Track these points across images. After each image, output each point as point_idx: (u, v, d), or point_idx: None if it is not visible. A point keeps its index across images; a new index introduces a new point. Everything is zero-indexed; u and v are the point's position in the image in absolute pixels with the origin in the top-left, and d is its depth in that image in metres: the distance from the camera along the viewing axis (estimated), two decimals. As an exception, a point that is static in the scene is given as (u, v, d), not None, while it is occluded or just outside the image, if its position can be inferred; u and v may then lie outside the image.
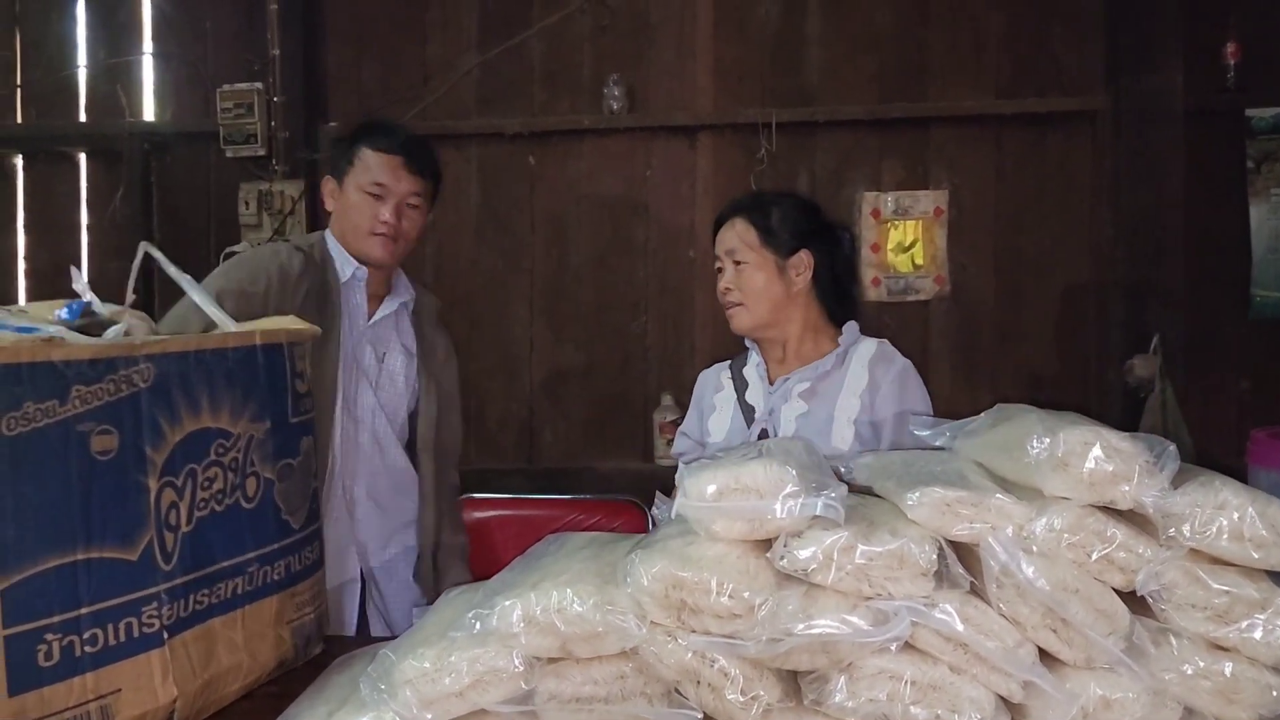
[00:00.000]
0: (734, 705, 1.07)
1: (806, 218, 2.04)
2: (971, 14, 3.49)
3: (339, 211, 2.11)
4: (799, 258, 1.99)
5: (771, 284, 1.98)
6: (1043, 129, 3.47)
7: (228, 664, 1.36)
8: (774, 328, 2.01)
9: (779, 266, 1.98)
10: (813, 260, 2.00)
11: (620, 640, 1.07)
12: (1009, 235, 3.50)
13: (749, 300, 1.98)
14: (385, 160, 2.06)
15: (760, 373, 2.04)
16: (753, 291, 1.98)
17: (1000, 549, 1.07)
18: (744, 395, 2.04)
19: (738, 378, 2.08)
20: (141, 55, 3.78)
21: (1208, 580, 1.06)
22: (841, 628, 1.05)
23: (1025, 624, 1.07)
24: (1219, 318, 3.41)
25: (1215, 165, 3.38)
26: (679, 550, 1.09)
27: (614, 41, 3.61)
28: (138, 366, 1.22)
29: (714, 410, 2.08)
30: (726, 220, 2.03)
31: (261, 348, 1.47)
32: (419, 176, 2.09)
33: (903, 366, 1.99)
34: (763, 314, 1.99)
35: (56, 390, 1.12)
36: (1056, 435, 1.10)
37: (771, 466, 1.09)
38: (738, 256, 1.98)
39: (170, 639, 1.24)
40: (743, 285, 1.98)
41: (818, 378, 1.97)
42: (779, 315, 2.00)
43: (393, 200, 2.07)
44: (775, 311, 1.99)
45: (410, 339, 2.24)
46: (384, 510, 2.15)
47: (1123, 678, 1.06)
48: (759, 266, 1.98)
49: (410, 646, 1.12)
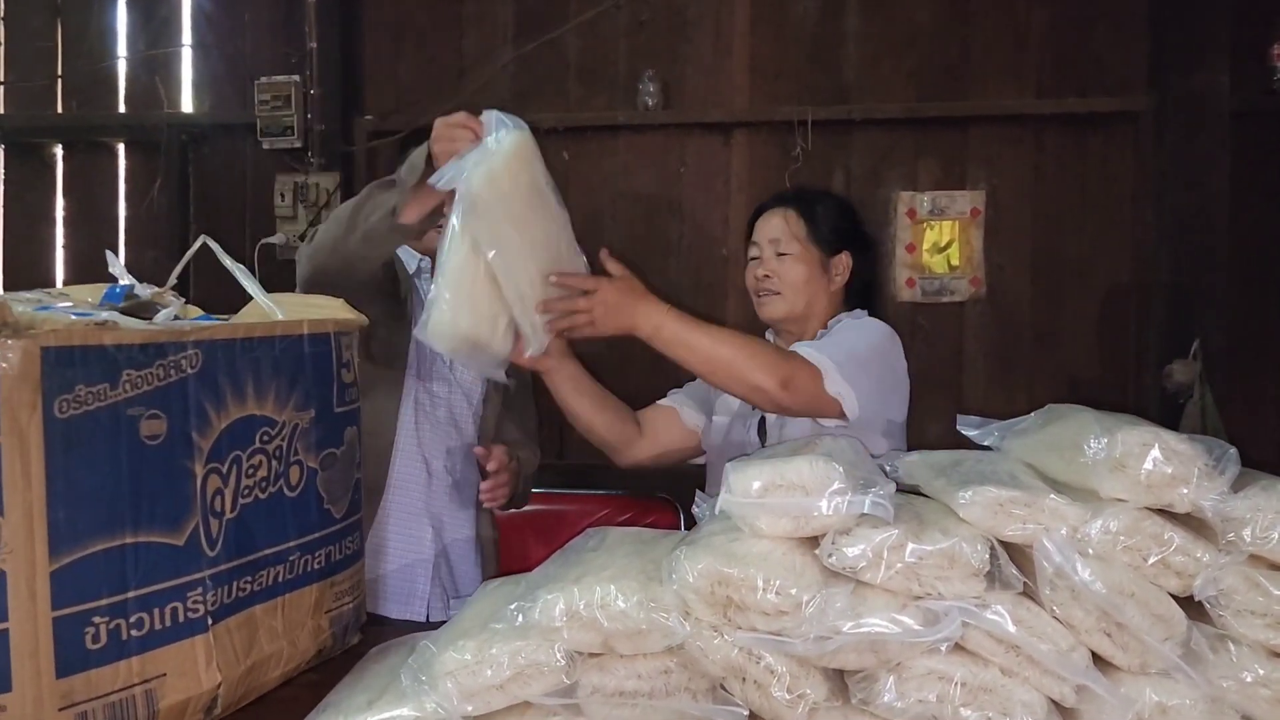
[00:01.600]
0: (780, 703, 1.05)
1: (851, 220, 2.07)
2: (1012, 12, 3.45)
3: None
4: (841, 258, 2.02)
5: (813, 278, 2.00)
6: (1084, 129, 3.43)
7: (269, 651, 1.36)
8: (802, 321, 2.03)
9: (822, 263, 2.00)
10: (852, 263, 2.02)
11: (663, 638, 1.06)
12: (1047, 237, 3.46)
13: (787, 290, 2.00)
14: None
15: None
16: (793, 283, 1.99)
17: (1055, 550, 1.05)
18: None
19: None
20: (180, 47, 3.80)
21: (1268, 586, 1.04)
22: (891, 627, 1.03)
23: (1079, 627, 1.05)
24: (1262, 323, 3.35)
25: (1261, 167, 3.32)
26: (724, 547, 1.07)
27: (650, 37, 3.59)
28: (186, 352, 1.22)
29: (720, 393, 2.08)
30: (771, 209, 2.05)
31: (308, 337, 1.47)
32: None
33: (860, 316, 2.01)
34: (799, 306, 2.00)
35: (108, 374, 1.12)
36: (1114, 435, 1.08)
37: (817, 463, 1.07)
38: (782, 247, 1.99)
39: (214, 625, 1.24)
40: (784, 275, 1.99)
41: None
42: (811, 310, 2.01)
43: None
44: (809, 305, 2.01)
45: None
46: (460, 488, 2.15)
47: (1179, 684, 1.04)
48: (803, 259, 1.99)
49: (451, 638, 1.11)
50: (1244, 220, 3.27)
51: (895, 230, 3.51)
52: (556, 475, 3.42)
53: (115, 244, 3.78)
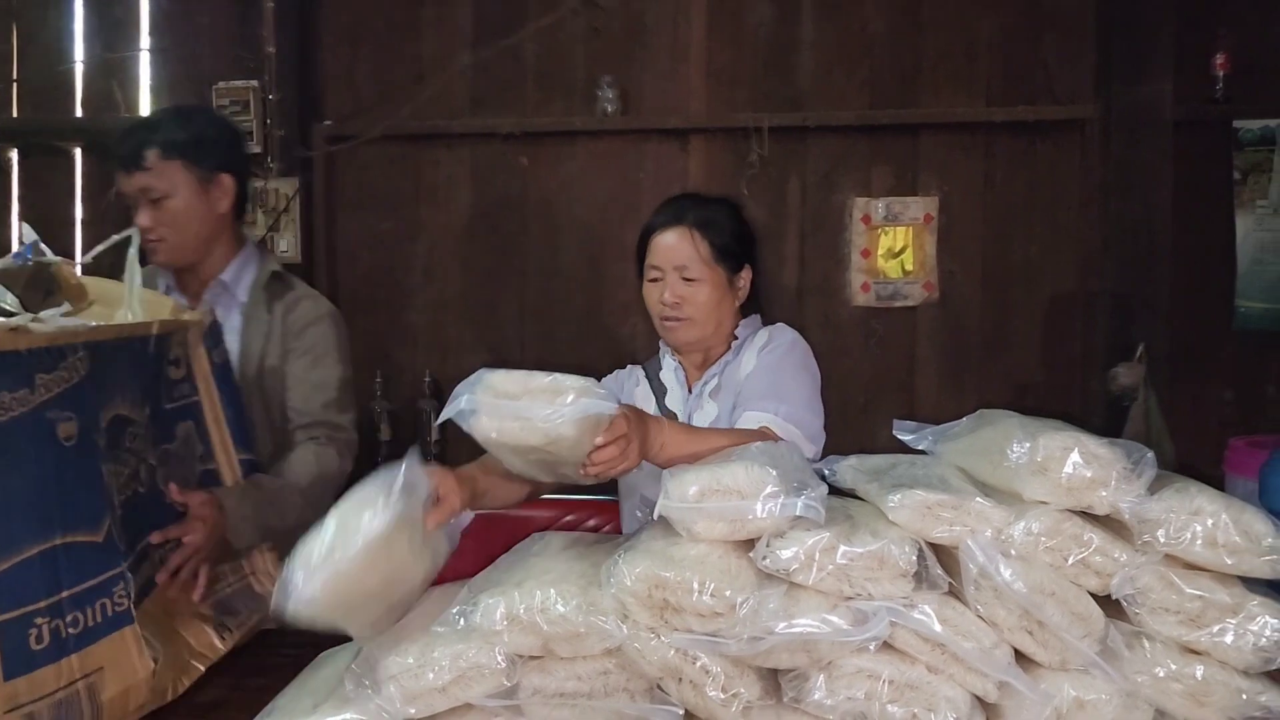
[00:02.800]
0: (715, 702, 1.09)
1: (747, 230, 1.96)
2: (963, 22, 3.51)
3: None
4: (744, 274, 1.93)
5: (722, 300, 1.89)
6: (1032, 137, 3.49)
7: (165, 644, 1.40)
8: (709, 339, 1.94)
9: (729, 281, 1.90)
10: (752, 275, 1.95)
11: (601, 641, 1.09)
12: (998, 243, 3.52)
13: (699, 316, 1.88)
14: (119, 168, 2.02)
15: (679, 378, 1.98)
16: (704, 307, 1.87)
17: (979, 551, 1.09)
18: (664, 401, 1.97)
19: (654, 381, 2.01)
20: (138, 51, 3.77)
21: (1181, 585, 1.08)
22: (821, 627, 1.07)
23: (1002, 625, 1.09)
24: (1204, 328, 3.43)
25: (1203, 176, 3.39)
26: (662, 551, 1.11)
27: (607, 44, 3.62)
28: (79, 354, 1.26)
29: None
30: (670, 227, 1.90)
31: (155, 337, 1.52)
32: (136, 171, 1.98)
33: (772, 330, 1.93)
34: (709, 329, 1.91)
35: (25, 379, 1.14)
36: (1036, 440, 1.12)
37: (752, 468, 1.11)
38: (689, 273, 1.86)
39: (138, 615, 1.28)
40: (694, 300, 1.87)
41: (721, 372, 1.92)
42: (719, 329, 1.93)
43: (140, 207, 2.00)
44: (718, 326, 1.92)
45: (235, 324, 2.12)
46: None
47: (1096, 679, 1.09)
48: (711, 282, 1.87)
49: (394, 642, 1.14)
50: (1187, 227, 3.35)
51: (850, 235, 3.56)
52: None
53: (72, 248, 3.75)
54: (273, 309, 2.11)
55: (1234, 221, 3.41)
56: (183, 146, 2.01)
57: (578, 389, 1.21)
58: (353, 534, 1.14)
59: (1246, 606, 1.07)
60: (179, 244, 2.03)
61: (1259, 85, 3.35)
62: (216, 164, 2.06)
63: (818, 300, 3.59)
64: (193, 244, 2.06)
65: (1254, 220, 3.41)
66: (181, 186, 2.01)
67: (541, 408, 1.18)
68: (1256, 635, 1.07)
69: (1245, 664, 1.07)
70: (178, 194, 2.01)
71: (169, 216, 2.01)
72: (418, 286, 3.72)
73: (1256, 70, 3.36)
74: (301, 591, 1.11)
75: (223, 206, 2.08)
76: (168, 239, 2.01)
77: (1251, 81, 3.35)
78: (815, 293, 3.59)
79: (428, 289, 3.72)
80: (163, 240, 2.01)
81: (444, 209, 3.69)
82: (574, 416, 1.18)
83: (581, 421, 1.19)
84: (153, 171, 1.98)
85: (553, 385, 1.20)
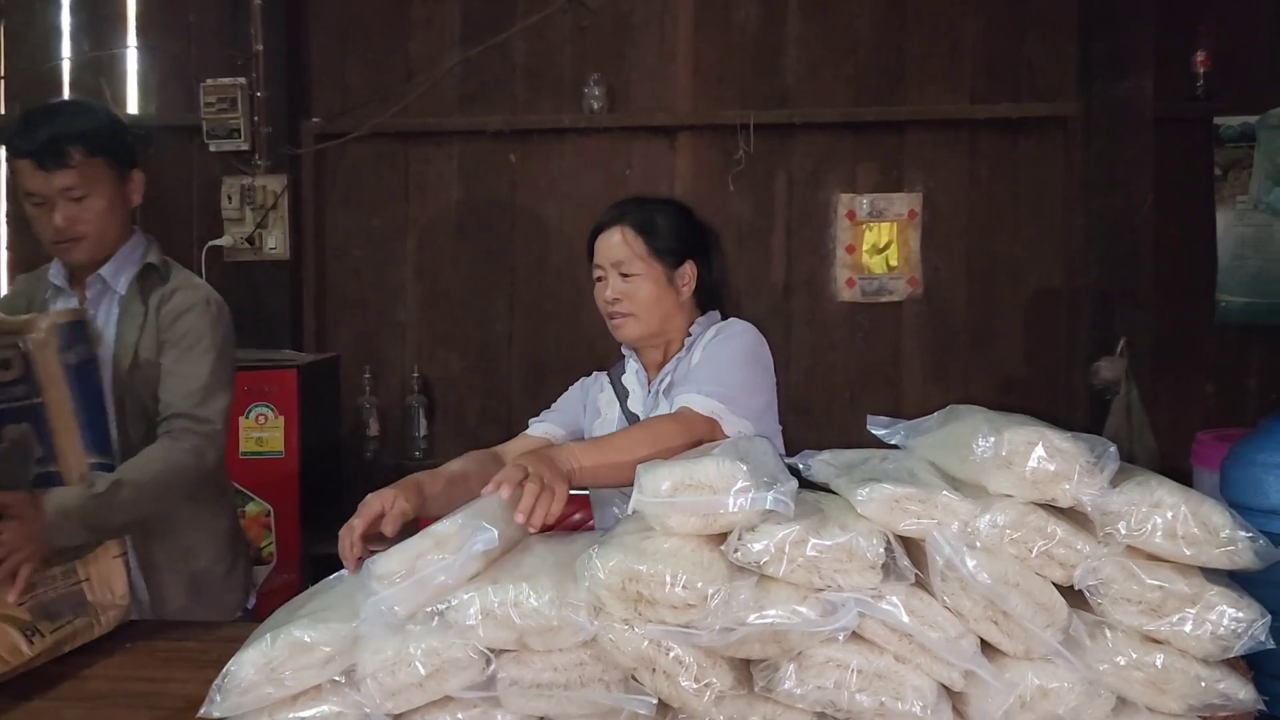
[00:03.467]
0: (687, 692, 1.11)
1: (690, 227, 2.00)
2: (948, 20, 3.54)
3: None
4: (685, 269, 1.96)
5: (662, 295, 1.94)
6: (1016, 134, 3.52)
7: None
8: (659, 336, 1.98)
9: (668, 277, 1.94)
10: (696, 271, 1.97)
11: (574, 634, 1.11)
12: (981, 239, 3.56)
13: (640, 311, 1.93)
14: (23, 164, 1.93)
15: (641, 380, 2.02)
16: (644, 303, 1.93)
17: (945, 544, 1.12)
18: (626, 404, 2.01)
19: (617, 386, 2.05)
20: (125, 48, 3.79)
21: (1142, 576, 1.11)
22: (791, 618, 1.09)
23: (968, 616, 1.11)
24: (1185, 322, 3.47)
25: (1184, 172, 3.43)
26: (635, 545, 1.13)
27: (595, 41, 3.64)
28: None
29: (598, 415, 2.05)
30: (610, 227, 1.96)
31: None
32: (60, 169, 1.92)
33: (723, 325, 1.96)
34: (653, 324, 1.95)
35: None
36: (1001, 435, 1.15)
37: (724, 463, 1.13)
38: (625, 269, 1.92)
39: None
40: (633, 296, 1.93)
41: (677, 371, 1.95)
42: (666, 324, 1.97)
43: (56, 204, 1.94)
44: (664, 321, 1.96)
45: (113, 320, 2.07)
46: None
47: (1059, 668, 1.11)
48: (649, 278, 1.93)
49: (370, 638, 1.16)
50: (1168, 223, 3.39)
51: (835, 231, 3.59)
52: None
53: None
54: (148, 301, 2.05)
55: (1215, 217, 3.45)
56: (104, 142, 1.97)
57: (456, 534, 1.18)
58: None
59: (1205, 596, 1.10)
60: (97, 241, 1.99)
61: (1239, 82, 3.39)
62: (131, 160, 2.03)
63: (803, 296, 3.62)
64: (110, 241, 2.02)
65: (1234, 215, 3.45)
66: (104, 184, 1.97)
67: (436, 574, 1.16)
68: (1215, 624, 1.09)
69: (1204, 652, 1.10)
70: (100, 192, 1.97)
71: (91, 215, 1.96)
72: (407, 283, 3.75)
73: (1236, 67, 3.39)
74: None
75: (134, 201, 2.05)
76: (89, 237, 1.97)
77: (1231, 78, 3.39)
78: (801, 288, 3.62)
79: (416, 286, 3.75)
80: (84, 239, 1.97)
81: (433, 206, 3.72)
82: (470, 567, 1.17)
83: (480, 558, 1.18)
84: (77, 168, 1.92)
85: (434, 543, 1.18)
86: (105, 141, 1.97)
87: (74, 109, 2.08)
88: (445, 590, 1.14)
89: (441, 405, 3.74)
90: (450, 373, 3.74)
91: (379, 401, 3.66)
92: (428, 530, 1.19)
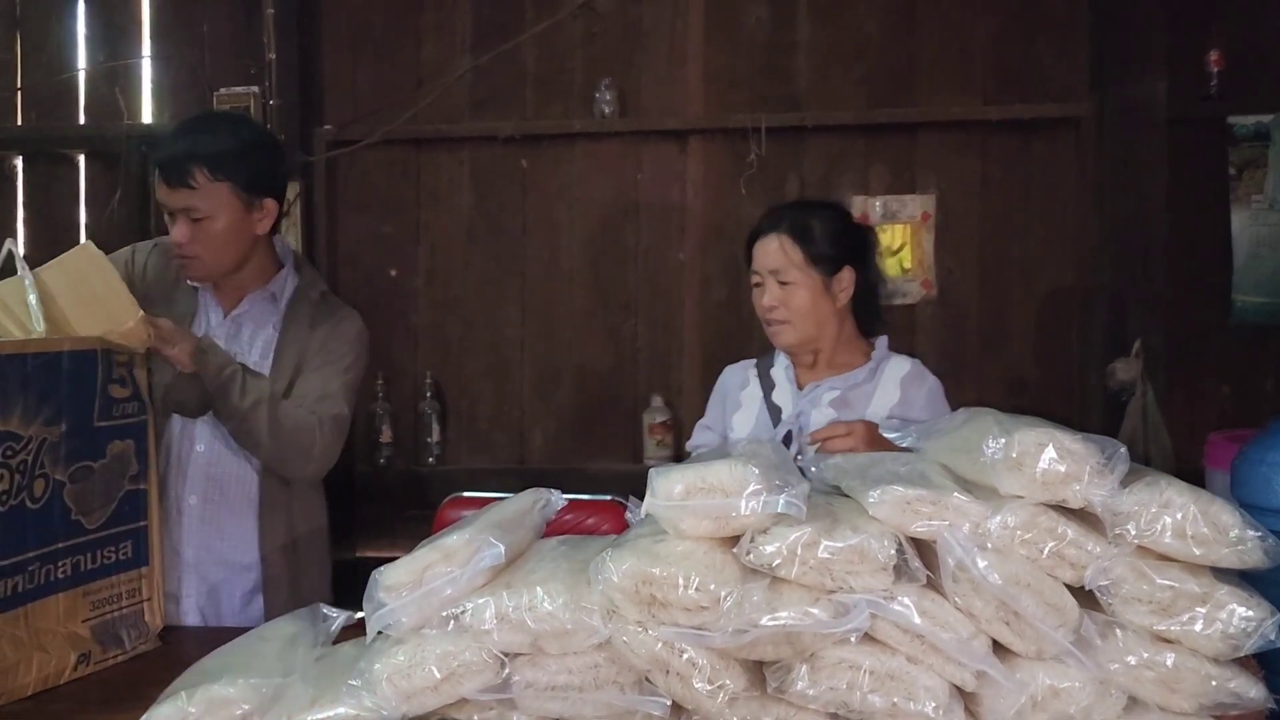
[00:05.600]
0: (701, 694, 1.12)
1: (847, 232, 2.03)
2: (959, 21, 3.54)
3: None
4: (843, 275, 1.99)
5: (819, 303, 1.97)
6: (1028, 135, 3.52)
7: (14, 659, 1.45)
8: (815, 341, 2.02)
9: (825, 285, 1.98)
10: (854, 276, 2.01)
11: (587, 638, 1.12)
12: (995, 240, 3.55)
13: (796, 319, 1.97)
14: (159, 177, 1.96)
15: (789, 376, 2.06)
16: (800, 310, 1.97)
17: (956, 545, 1.12)
18: (770, 395, 2.06)
19: (764, 377, 2.09)
20: (140, 58, 3.82)
21: (1152, 575, 1.11)
22: (804, 619, 1.10)
23: (979, 617, 1.12)
24: (1200, 323, 3.46)
25: (1198, 172, 3.42)
26: (648, 548, 1.14)
27: (605, 47, 3.65)
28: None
29: (739, 407, 2.09)
30: (767, 234, 2.00)
31: (68, 354, 1.55)
32: (181, 188, 1.93)
33: (933, 385, 2.05)
34: (810, 331, 2.00)
35: None
36: (1012, 436, 1.15)
37: (736, 466, 1.14)
38: (783, 277, 1.96)
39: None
40: (789, 304, 1.97)
41: (849, 387, 2.00)
42: (822, 331, 2.01)
43: (178, 219, 1.96)
44: (819, 328, 2.00)
45: (271, 336, 2.10)
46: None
47: (1071, 668, 1.12)
48: (805, 286, 1.96)
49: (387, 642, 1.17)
50: (1183, 223, 3.37)
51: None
52: (517, 479, 3.48)
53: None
54: (316, 327, 2.09)
55: (1229, 217, 3.44)
56: (232, 168, 1.94)
57: (464, 547, 1.19)
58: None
59: (1215, 595, 1.10)
60: (214, 264, 2.00)
61: (1252, 81, 3.38)
62: (263, 188, 2.01)
63: (816, 299, 3.62)
64: (228, 264, 2.02)
65: (1249, 215, 3.43)
66: (226, 209, 1.95)
67: (444, 587, 1.18)
68: (1225, 623, 1.09)
69: (1215, 651, 1.10)
70: (221, 216, 1.95)
71: (208, 237, 1.96)
72: (419, 289, 3.76)
73: (1250, 66, 3.38)
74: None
75: (262, 229, 2.03)
76: (203, 258, 1.98)
77: (1245, 77, 3.38)
78: (813, 291, 3.62)
79: (429, 291, 3.76)
80: (197, 258, 1.98)
81: (445, 212, 3.73)
82: (477, 580, 1.18)
83: (487, 572, 1.19)
84: (199, 192, 1.92)
85: (442, 556, 1.19)
86: (233, 166, 1.94)
87: (214, 127, 2.03)
88: (452, 602, 1.16)
89: (454, 411, 3.75)
90: (463, 378, 3.75)
91: (391, 407, 3.68)
92: (436, 543, 1.20)
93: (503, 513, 1.30)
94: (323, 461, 2.03)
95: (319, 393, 2.03)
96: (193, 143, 1.95)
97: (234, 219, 1.97)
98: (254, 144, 2.03)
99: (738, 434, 2.07)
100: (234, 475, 2.05)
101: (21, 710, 1.47)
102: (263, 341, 2.09)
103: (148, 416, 1.75)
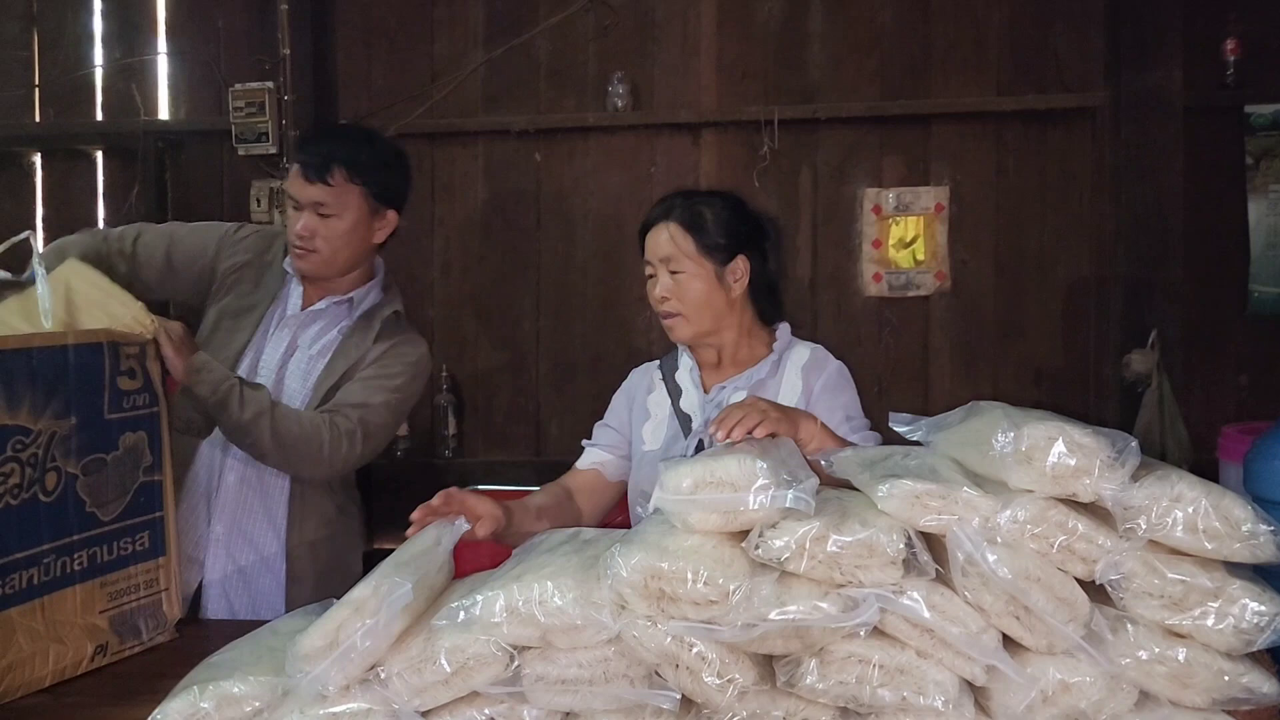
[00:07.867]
0: (711, 687, 1.12)
1: (740, 220, 1.94)
2: (973, 11, 3.52)
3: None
4: (736, 264, 1.91)
5: (712, 293, 1.89)
6: (1043, 125, 3.50)
7: (30, 650, 1.46)
8: (714, 335, 1.94)
9: (717, 274, 1.89)
10: (749, 265, 1.92)
11: (597, 633, 1.13)
12: (1010, 231, 3.53)
13: (689, 310, 1.89)
14: (294, 169, 2.08)
15: (694, 379, 1.97)
16: (693, 301, 1.89)
17: (966, 539, 1.12)
18: (678, 402, 1.97)
19: (669, 382, 2.01)
20: (156, 55, 3.84)
21: (1164, 570, 1.11)
22: (813, 613, 1.10)
23: (989, 611, 1.12)
24: (1217, 313, 3.44)
25: (1214, 161, 3.40)
26: (657, 542, 1.14)
27: (618, 40, 3.65)
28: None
29: (648, 417, 2.00)
30: (657, 224, 1.92)
31: (74, 348, 1.55)
32: (318, 183, 2.03)
33: (835, 370, 1.94)
34: (705, 323, 1.91)
35: None
36: (1021, 430, 1.15)
37: (745, 461, 1.14)
38: (674, 266, 1.88)
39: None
40: (681, 295, 1.88)
41: (754, 384, 1.91)
42: (719, 323, 1.92)
43: (304, 212, 2.05)
44: (715, 320, 1.91)
45: (334, 338, 2.16)
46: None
47: (1081, 663, 1.11)
48: (697, 275, 1.88)
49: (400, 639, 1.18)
50: (1199, 213, 3.35)
51: (861, 226, 3.58)
52: (533, 472, 3.50)
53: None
54: (378, 341, 2.15)
55: (1246, 207, 3.41)
56: (370, 173, 2.07)
57: (373, 595, 1.17)
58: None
59: (1228, 590, 1.10)
60: (329, 259, 2.09)
61: (1270, 70, 3.36)
62: (390, 199, 2.13)
63: (830, 291, 3.62)
64: (340, 264, 2.12)
65: (1267, 205, 3.41)
66: (353, 210, 2.07)
67: (361, 641, 1.14)
68: (1237, 618, 1.09)
69: (1227, 646, 1.10)
70: (347, 216, 2.06)
71: (331, 233, 2.06)
72: (434, 282, 3.77)
73: (1267, 55, 3.36)
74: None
75: (379, 238, 2.15)
76: (321, 252, 2.07)
77: (1262, 66, 3.35)
78: (827, 284, 3.62)
79: (444, 285, 3.77)
80: (315, 252, 2.07)
81: (459, 206, 3.74)
82: (394, 625, 1.16)
83: (404, 614, 1.17)
84: (333, 190, 2.03)
85: (353, 610, 1.16)
86: (369, 173, 2.07)
87: (356, 136, 2.17)
88: (374, 654, 1.14)
89: (470, 404, 3.76)
90: (478, 371, 3.77)
91: (408, 400, 3.69)
92: (344, 599, 1.18)
93: (407, 552, 1.30)
94: (335, 464, 2.03)
95: (357, 400, 2.06)
96: (336, 145, 2.08)
97: (358, 221, 2.08)
98: (389, 158, 2.15)
99: (649, 447, 1.97)
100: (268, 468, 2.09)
101: (38, 703, 1.49)
102: (325, 342, 2.15)
103: (159, 408, 1.75)
